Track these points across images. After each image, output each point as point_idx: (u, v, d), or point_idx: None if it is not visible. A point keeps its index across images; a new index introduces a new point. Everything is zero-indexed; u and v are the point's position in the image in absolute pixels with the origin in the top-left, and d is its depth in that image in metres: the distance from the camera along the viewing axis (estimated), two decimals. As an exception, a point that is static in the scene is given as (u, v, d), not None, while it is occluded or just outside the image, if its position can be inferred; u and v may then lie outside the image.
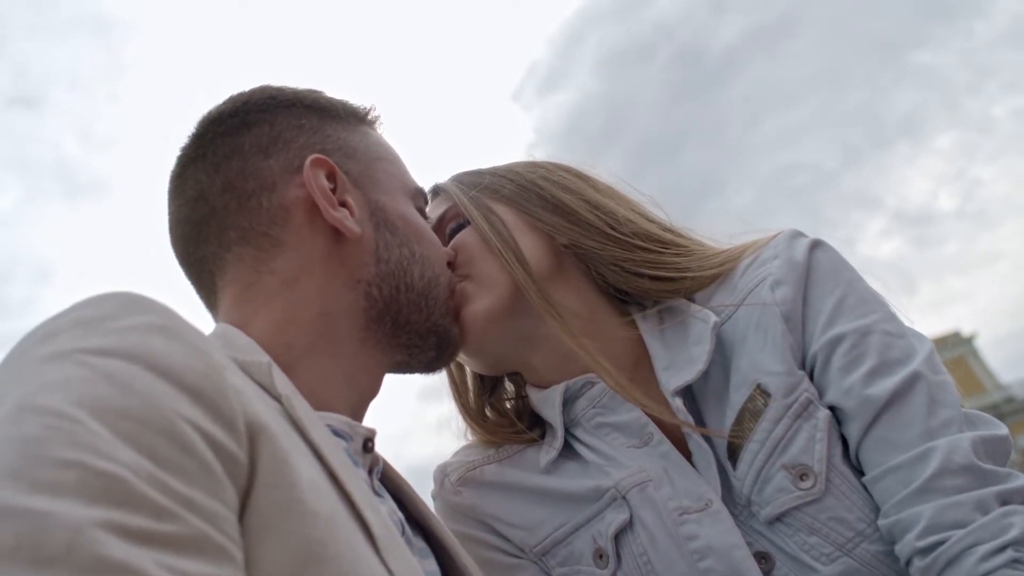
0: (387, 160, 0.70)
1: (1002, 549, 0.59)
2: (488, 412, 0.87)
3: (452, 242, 0.79)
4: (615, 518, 0.72)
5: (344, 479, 0.46)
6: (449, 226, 0.81)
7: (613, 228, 0.78)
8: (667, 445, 0.74)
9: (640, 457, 0.74)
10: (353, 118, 0.70)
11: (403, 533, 0.57)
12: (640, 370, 0.77)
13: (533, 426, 0.84)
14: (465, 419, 0.87)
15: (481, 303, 0.75)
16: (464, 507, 0.81)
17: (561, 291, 0.77)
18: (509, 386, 0.90)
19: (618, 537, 0.72)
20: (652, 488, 0.72)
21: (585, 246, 0.77)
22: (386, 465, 0.64)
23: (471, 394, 0.88)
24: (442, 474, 0.84)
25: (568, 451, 0.79)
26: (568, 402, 0.78)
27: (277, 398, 0.49)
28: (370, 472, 0.59)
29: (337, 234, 0.62)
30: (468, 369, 0.88)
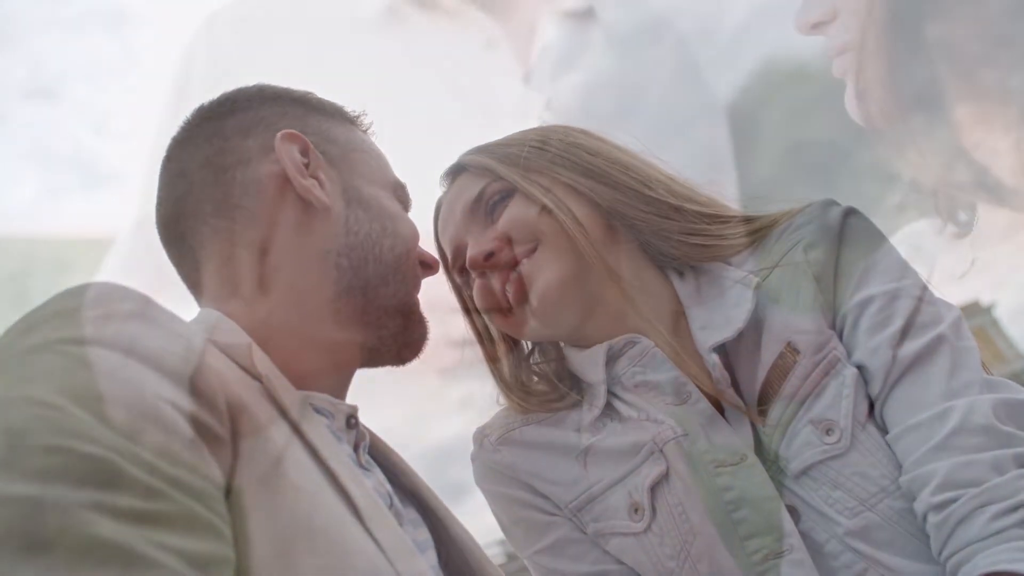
0: (368, 153, 0.70)
1: (1014, 509, 0.59)
2: (524, 379, 0.87)
3: (503, 217, 0.78)
4: (651, 471, 0.74)
5: (325, 455, 0.47)
6: (490, 202, 0.80)
7: (648, 189, 0.78)
8: (704, 403, 0.75)
9: (678, 414, 0.75)
10: (339, 116, 0.71)
11: (391, 505, 0.58)
12: (678, 330, 0.78)
13: (570, 390, 0.84)
14: (504, 392, 0.86)
15: (553, 272, 0.75)
16: (503, 465, 0.82)
17: (614, 254, 0.78)
18: (538, 354, 0.89)
19: (654, 490, 0.74)
20: (688, 442, 0.73)
21: (623, 210, 0.78)
22: (375, 439, 0.65)
23: (507, 366, 0.87)
24: (481, 435, 0.85)
25: (608, 409, 0.80)
26: (609, 361, 0.79)
27: (258, 378, 0.51)
28: (357, 448, 0.60)
29: (307, 206, 0.62)
30: (501, 343, 0.87)
